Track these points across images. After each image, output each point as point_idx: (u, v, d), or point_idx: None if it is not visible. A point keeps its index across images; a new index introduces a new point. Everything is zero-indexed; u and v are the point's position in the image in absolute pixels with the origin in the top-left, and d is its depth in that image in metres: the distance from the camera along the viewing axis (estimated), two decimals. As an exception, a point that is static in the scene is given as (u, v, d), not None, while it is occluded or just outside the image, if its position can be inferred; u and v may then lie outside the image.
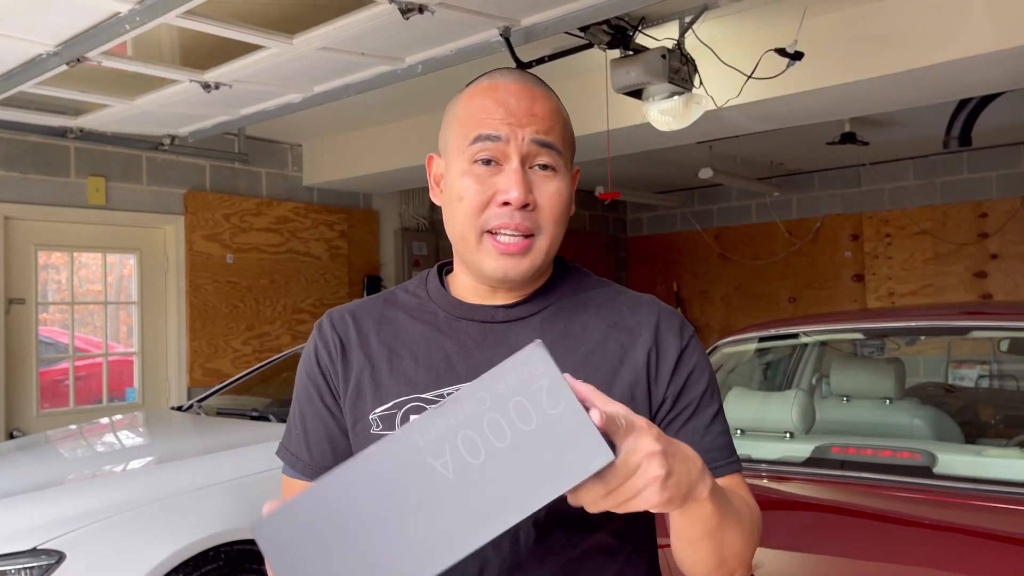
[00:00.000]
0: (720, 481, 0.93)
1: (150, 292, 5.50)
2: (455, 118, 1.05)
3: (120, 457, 3.27)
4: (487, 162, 0.99)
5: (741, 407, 2.58)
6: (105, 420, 3.99)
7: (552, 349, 0.79)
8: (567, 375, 0.74)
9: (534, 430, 0.72)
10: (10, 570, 2.34)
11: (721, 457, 1.02)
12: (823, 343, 3.35)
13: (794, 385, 3.27)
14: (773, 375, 3.46)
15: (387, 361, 1.04)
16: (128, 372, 5.49)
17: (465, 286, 1.07)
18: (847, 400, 2.83)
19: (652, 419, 1.01)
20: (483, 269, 1.01)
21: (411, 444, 0.73)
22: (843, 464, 2.21)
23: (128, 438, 3.59)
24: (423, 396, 1.01)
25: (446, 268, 1.14)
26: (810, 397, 2.59)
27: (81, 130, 4.70)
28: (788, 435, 2.44)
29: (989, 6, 3.34)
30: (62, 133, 4.72)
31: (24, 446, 3.40)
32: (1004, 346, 4.37)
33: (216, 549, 2.62)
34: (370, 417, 1.02)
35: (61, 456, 3.27)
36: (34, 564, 2.35)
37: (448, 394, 1.00)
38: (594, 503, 0.75)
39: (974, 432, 3.28)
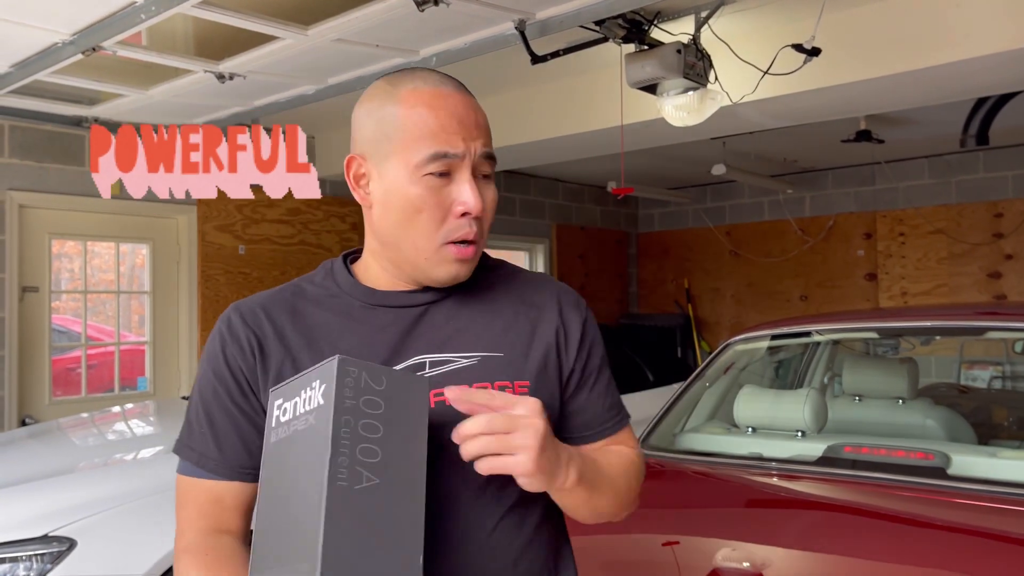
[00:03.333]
0: (614, 437, 1.16)
1: (162, 282, 5.52)
2: (395, 123, 1.05)
3: (131, 446, 3.28)
4: (443, 174, 1.03)
5: (752, 405, 2.56)
6: (117, 409, 4.02)
7: (473, 325, 1.08)
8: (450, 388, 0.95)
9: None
10: (21, 556, 2.36)
11: (616, 414, 1.18)
12: (835, 342, 3.33)
13: (806, 384, 3.25)
14: (785, 373, 3.45)
15: (307, 350, 1.06)
16: (140, 361, 5.52)
17: (378, 277, 1.12)
18: (859, 399, 2.82)
19: (563, 386, 1.13)
20: (435, 274, 1.07)
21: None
22: (855, 464, 2.20)
23: (139, 427, 3.61)
24: None
25: (351, 258, 1.18)
26: (822, 396, 2.58)
27: (96, 119, 4.72)
28: (800, 434, 2.43)
29: (1008, 4, 3.30)
30: (77, 122, 4.74)
31: (36, 433, 3.42)
32: (1019, 347, 4.33)
33: (226, 538, 2.63)
34: None
35: (73, 444, 3.28)
36: (45, 551, 2.37)
37: None
38: (473, 439, 0.91)
39: (987, 433, 3.25)
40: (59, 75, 3.73)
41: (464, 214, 1.04)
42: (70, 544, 2.39)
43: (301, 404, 0.93)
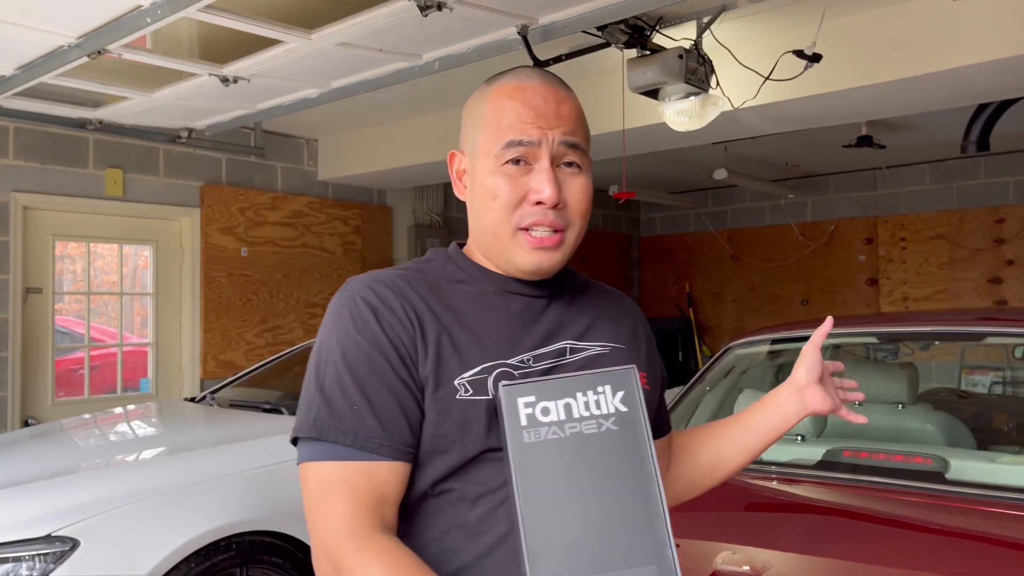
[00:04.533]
0: (666, 437, 1.28)
1: (165, 284, 5.54)
2: (482, 119, 1.08)
3: (134, 446, 3.30)
4: (517, 162, 1.05)
5: (753, 409, 2.57)
6: (119, 410, 4.03)
7: (598, 319, 1.15)
8: None
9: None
10: (24, 556, 2.37)
11: (668, 416, 1.32)
12: (836, 346, 3.33)
13: (806, 388, 3.25)
14: (785, 378, 3.45)
15: (460, 327, 1.04)
16: (142, 362, 5.54)
17: (492, 268, 1.13)
18: (859, 404, 2.82)
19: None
20: (515, 262, 1.07)
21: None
22: (854, 468, 2.21)
23: (142, 428, 3.62)
24: (508, 362, 1.03)
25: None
26: (822, 400, 2.58)
27: (100, 122, 4.74)
28: (799, 438, 2.44)
29: (1009, 11, 3.32)
30: (81, 125, 4.76)
31: (39, 434, 3.44)
32: (1019, 353, 4.34)
33: (227, 539, 2.64)
34: (455, 382, 1.00)
35: (75, 444, 3.30)
36: (48, 551, 2.38)
37: (527, 359, 1.05)
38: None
39: (987, 438, 3.26)
40: (64, 77, 3.75)
41: (538, 203, 1.04)
42: (73, 544, 2.40)
43: (581, 408, 0.94)
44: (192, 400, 4.08)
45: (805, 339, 1.32)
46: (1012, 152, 6.79)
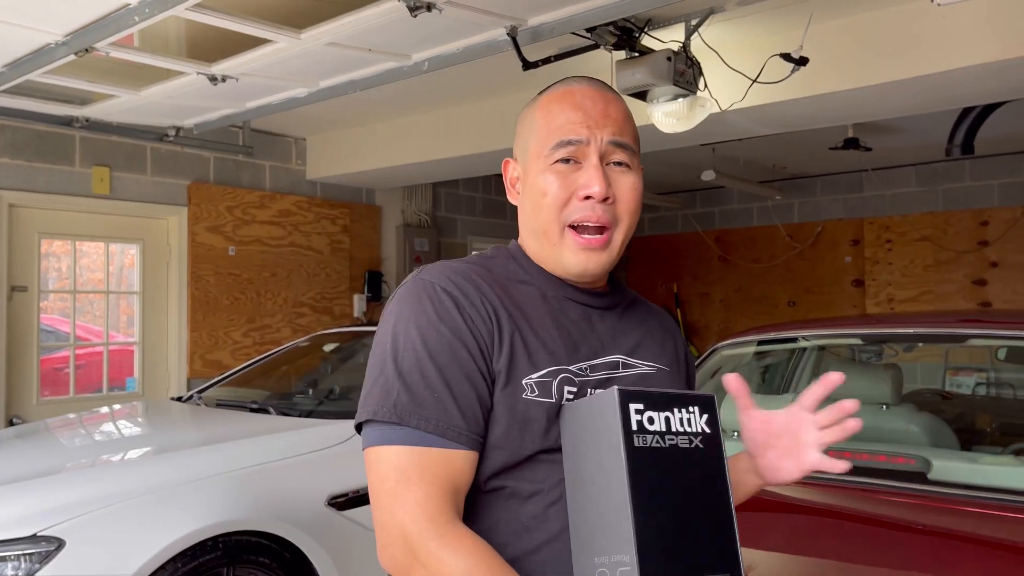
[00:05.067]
0: None
1: (152, 282, 5.52)
2: (533, 125, 1.13)
3: (120, 446, 3.28)
4: (566, 160, 1.08)
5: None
6: (105, 409, 4.01)
7: (647, 337, 1.18)
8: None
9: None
10: (10, 555, 2.36)
11: None
12: (821, 347, 3.36)
13: (792, 389, 3.28)
14: (771, 378, 3.48)
15: (528, 326, 1.05)
16: (128, 362, 5.51)
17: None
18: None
19: None
20: (563, 262, 1.09)
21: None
22: (838, 468, 2.23)
23: (128, 427, 3.61)
24: (569, 368, 1.05)
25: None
26: (807, 401, 2.60)
27: (87, 119, 4.72)
28: (784, 438, 2.46)
29: (993, 16, 3.35)
30: (68, 122, 4.73)
31: (23, 433, 3.42)
32: (1002, 355, 4.38)
33: (214, 539, 2.64)
34: (523, 382, 1.01)
35: (60, 444, 3.28)
36: (34, 550, 2.37)
37: (585, 368, 1.07)
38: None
39: (970, 439, 3.29)
40: (51, 75, 3.73)
41: (587, 197, 1.06)
42: (59, 544, 2.39)
43: (676, 422, 1.02)
44: (179, 399, 4.07)
45: (792, 340, 1.35)
46: (996, 155, 6.86)
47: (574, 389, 1.04)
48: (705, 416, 1.03)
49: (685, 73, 3.46)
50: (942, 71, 3.52)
